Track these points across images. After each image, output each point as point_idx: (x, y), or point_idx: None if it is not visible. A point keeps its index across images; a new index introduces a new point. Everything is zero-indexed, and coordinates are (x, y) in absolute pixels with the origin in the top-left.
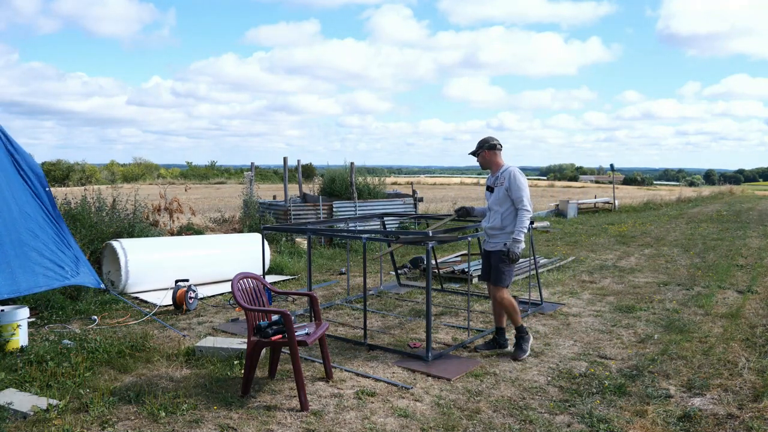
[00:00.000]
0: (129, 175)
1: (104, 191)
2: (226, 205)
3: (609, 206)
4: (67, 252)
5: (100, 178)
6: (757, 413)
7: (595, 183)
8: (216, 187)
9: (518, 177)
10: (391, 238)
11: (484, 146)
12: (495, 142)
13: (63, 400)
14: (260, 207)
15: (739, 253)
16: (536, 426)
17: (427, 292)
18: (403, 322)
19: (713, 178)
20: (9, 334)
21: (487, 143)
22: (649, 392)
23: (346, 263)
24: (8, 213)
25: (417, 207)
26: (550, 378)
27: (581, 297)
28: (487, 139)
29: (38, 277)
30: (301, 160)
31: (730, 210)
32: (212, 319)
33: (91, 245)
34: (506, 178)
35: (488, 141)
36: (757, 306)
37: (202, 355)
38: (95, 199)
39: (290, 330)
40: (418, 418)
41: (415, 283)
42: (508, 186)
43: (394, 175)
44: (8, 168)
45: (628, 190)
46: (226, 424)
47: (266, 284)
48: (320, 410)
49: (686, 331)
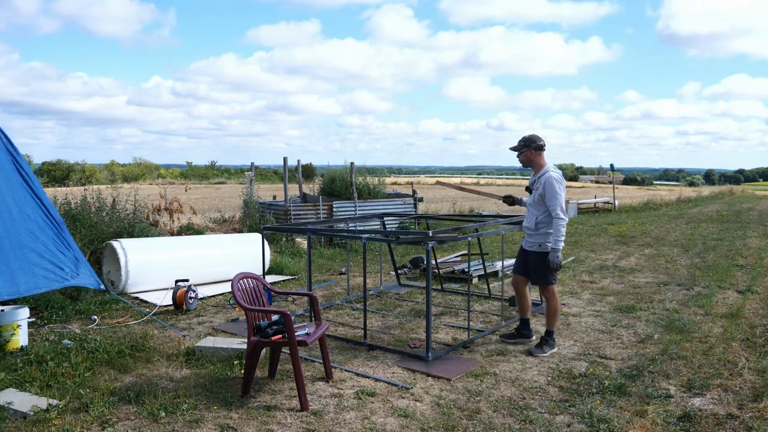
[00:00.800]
0: (129, 175)
1: (104, 191)
2: (226, 205)
3: (609, 206)
4: (66, 253)
5: (100, 178)
6: (757, 413)
7: (595, 183)
8: (216, 187)
9: (554, 185)
10: (391, 238)
11: (531, 145)
12: (542, 142)
13: (63, 400)
14: (260, 207)
15: (739, 253)
16: (536, 426)
17: (427, 292)
18: (403, 322)
19: (713, 178)
20: (9, 334)
21: (534, 143)
22: (649, 392)
23: (346, 263)
24: (8, 214)
25: (417, 207)
26: (550, 378)
27: (581, 297)
28: (533, 138)
29: (38, 279)
30: (301, 160)
31: (730, 210)
32: (212, 319)
33: (91, 245)
34: (542, 184)
35: (535, 141)
36: (757, 306)
37: (202, 355)
38: (95, 199)
39: (290, 330)
40: (418, 418)
41: (415, 283)
42: (543, 192)
43: (394, 175)
44: (8, 169)
45: (628, 190)
46: (226, 424)
47: (266, 284)
48: (320, 410)
49: (686, 331)
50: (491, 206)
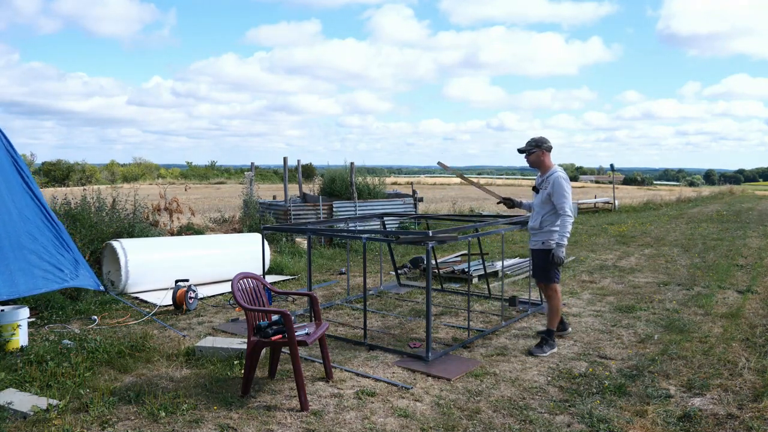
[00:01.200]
0: (129, 175)
1: (104, 191)
2: (226, 205)
3: (609, 206)
4: (66, 254)
5: (100, 178)
6: (757, 413)
7: (595, 183)
8: (216, 187)
9: (562, 184)
10: (391, 238)
11: (542, 146)
12: (551, 144)
13: (63, 400)
14: (260, 207)
15: (739, 253)
16: (536, 426)
17: (427, 292)
18: (403, 322)
19: (713, 178)
20: (9, 334)
21: (544, 144)
22: (649, 392)
23: (346, 263)
24: (7, 216)
25: (417, 207)
26: (550, 378)
27: (581, 297)
28: (543, 139)
29: (37, 280)
30: (301, 160)
31: (730, 210)
32: (212, 319)
33: (91, 245)
34: (550, 183)
35: (546, 142)
36: (757, 306)
37: (202, 355)
38: (95, 199)
39: (290, 330)
40: (418, 418)
41: (415, 283)
42: (551, 192)
43: (394, 175)
44: (8, 170)
45: (628, 190)
46: (226, 424)
47: (266, 284)
48: (320, 410)
49: (686, 331)
50: (491, 206)
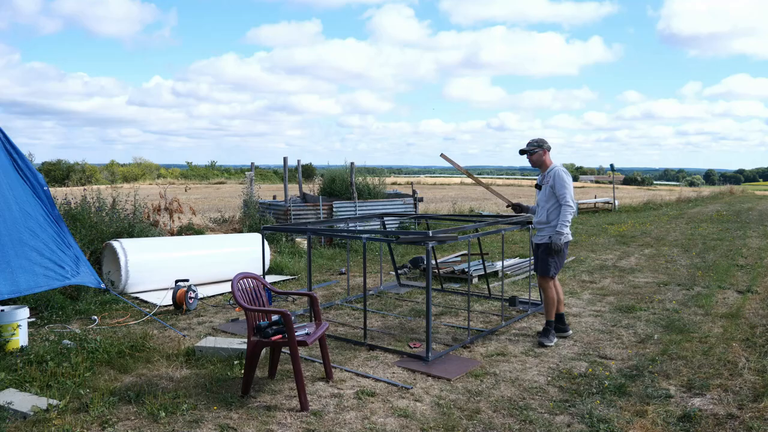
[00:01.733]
0: (129, 175)
1: (104, 191)
2: (226, 205)
3: (609, 206)
4: (67, 252)
5: (100, 178)
6: (757, 413)
7: (595, 183)
8: (216, 187)
9: (563, 176)
10: (391, 238)
11: (544, 146)
12: (549, 144)
13: (63, 400)
14: (260, 207)
15: (739, 253)
16: (536, 426)
17: (427, 292)
18: (403, 322)
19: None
20: (9, 334)
21: (545, 144)
22: (649, 392)
23: (346, 263)
24: (8, 212)
25: (417, 207)
26: (550, 378)
27: (581, 297)
28: (543, 140)
29: (38, 277)
30: (302, 160)
31: (730, 210)
32: (212, 319)
33: (91, 245)
34: (552, 177)
35: (546, 142)
36: (757, 306)
37: (202, 355)
38: (95, 199)
39: (290, 330)
40: (418, 418)
41: (415, 283)
42: (553, 184)
43: (394, 175)
44: (8, 167)
45: (628, 190)
46: (226, 424)
47: (266, 284)
48: (320, 410)
49: (686, 331)
50: (491, 206)
